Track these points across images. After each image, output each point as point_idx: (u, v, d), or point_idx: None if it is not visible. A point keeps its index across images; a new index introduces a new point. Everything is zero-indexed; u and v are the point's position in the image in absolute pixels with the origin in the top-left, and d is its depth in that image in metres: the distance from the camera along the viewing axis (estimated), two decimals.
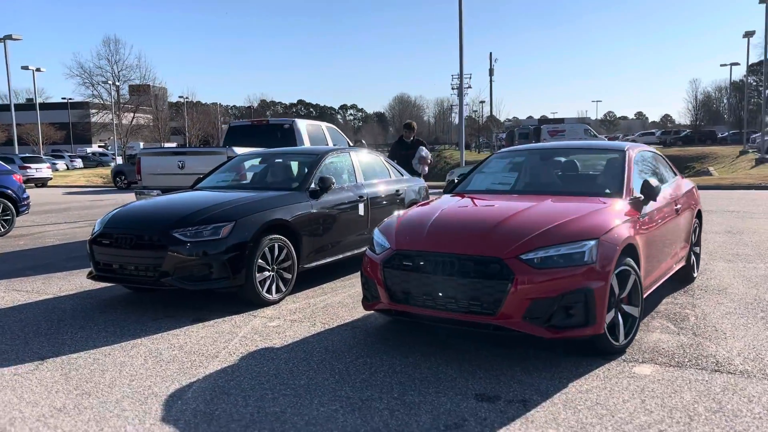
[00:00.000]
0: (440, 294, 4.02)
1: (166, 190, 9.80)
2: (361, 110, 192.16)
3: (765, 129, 33.04)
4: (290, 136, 11.40)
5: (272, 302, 5.78)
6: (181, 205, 5.98)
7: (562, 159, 5.56)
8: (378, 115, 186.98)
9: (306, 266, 6.26)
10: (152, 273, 5.43)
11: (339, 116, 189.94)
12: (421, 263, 4.11)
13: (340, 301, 5.89)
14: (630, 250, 4.21)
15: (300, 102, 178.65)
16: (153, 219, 5.68)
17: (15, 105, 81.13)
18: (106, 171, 41.91)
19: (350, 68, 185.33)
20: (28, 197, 12.03)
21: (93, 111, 64.52)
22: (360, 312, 5.45)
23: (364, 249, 7.23)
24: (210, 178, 7.31)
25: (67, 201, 21.05)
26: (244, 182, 7.27)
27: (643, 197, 4.78)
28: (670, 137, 63.85)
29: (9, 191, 11.53)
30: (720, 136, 63.15)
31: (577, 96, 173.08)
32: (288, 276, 5.98)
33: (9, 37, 32.59)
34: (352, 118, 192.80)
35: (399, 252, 4.27)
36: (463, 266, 3.95)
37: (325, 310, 5.59)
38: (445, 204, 4.88)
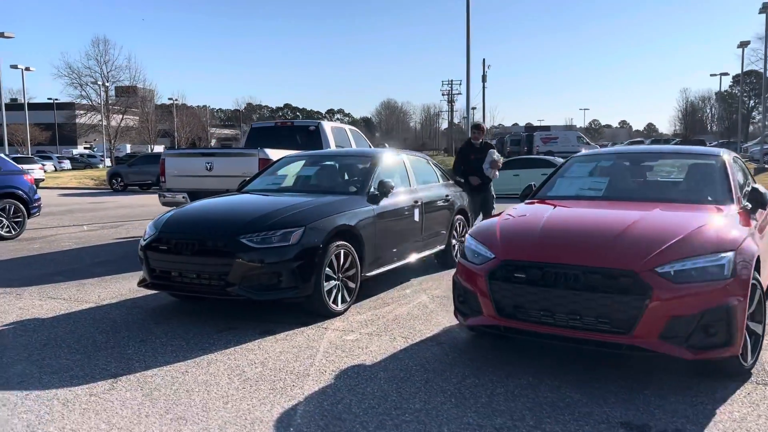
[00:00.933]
0: (561, 310, 3.71)
1: (192, 193, 9.41)
2: (348, 115, 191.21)
3: (765, 136, 33.28)
4: (316, 138, 11.05)
5: (338, 313, 5.43)
6: (243, 209, 5.61)
7: (653, 163, 5.29)
8: (365, 120, 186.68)
9: (367, 275, 5.90)
10: (217, 282, 5.05)
11: (326, 121, 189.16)
12: (538, 275, 3.79)
13: (409, 313, 5.55)
14: (757, 262, 3.93)
15: (287, 105, 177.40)
16: (217, 223, 5.30)
17: None
18: (97, 173, 41.08)
19: (337, 72, 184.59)
20: (39, 198, 11.52)
21: (80, 112, 63.37)
22: (437, 325, 5.13)
23: (419, 256, 6.98)
24: (258, 181, 6.93)
25: (65, 203, 20.43)
26: (294, 185, 6.89)
27: (750, 205, 4.52)
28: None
29: (20, 192, 11.01)
30: (709, 145, 63.85)
31: (563, 104, 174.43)
32: (352, 285, 5.62)
33: (1, 34, 31.74)
34: (339, 122, 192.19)
35: (509, 262, 3.94)
36: (589, 279, 3.63)
37: (397, 322, 5.25)
38: (545, 211, 4.57)
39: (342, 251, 5.46)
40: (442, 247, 7.46)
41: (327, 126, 11.36)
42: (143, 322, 5.32)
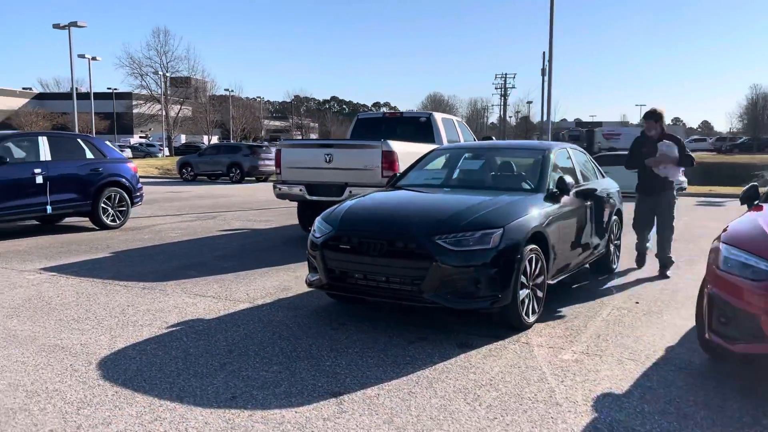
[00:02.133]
0: None
1: (309, 186, 8.98)
2: (394, 108, 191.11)
3: None
4: (427, 130, 10.51)
5: (529, 326, 4.84)
6: (427, 207, 5.09)
7: None
8: None
9: (551, 282, 5.30)
10: (410, 287, 4.52)
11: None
12: None
13: (607, 328, 4.92)
14: None
15: (333, 98, 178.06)
16: (405, 222, 4.75)
17: (62, 94, 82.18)
18: (159, 162, 41.70)
19: (383, 65, 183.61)
20: (141, 187, 11.29)
21: (138, 102, 64.55)
22: (654, 345, 4.50)
23: (589, 260, 6.34)
24: (413, 175, 6.34)
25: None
26: (457, 180, 6.31)
27: None
28: (725, 144, 61.44)
29: (123, 180, 10.79)
30: None
31: (614, 100, 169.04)
32: (540, 294, 5.02)
33: (74, 24, 32.15)
34: None
35: None
36: None
37: (603, 339, 4.62)
38: None
39: (533, 256, 4.87)
40: (603, 251, 6.78)
41: (438, 117, 10.80)
42: (318, 327, 4.84)
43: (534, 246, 4.88)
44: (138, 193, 11.14)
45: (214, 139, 70.77)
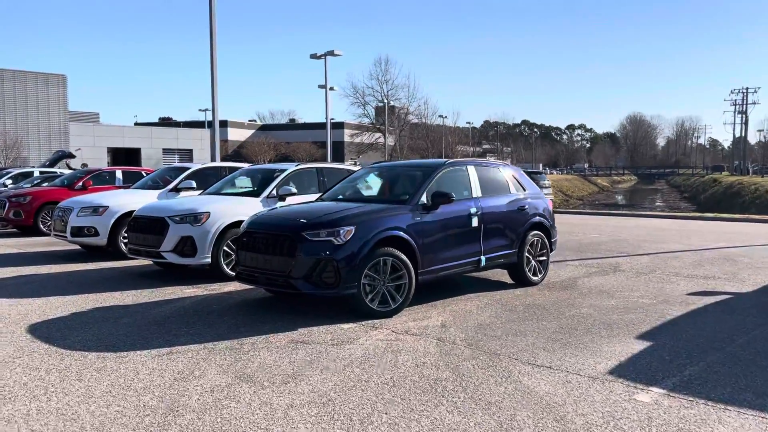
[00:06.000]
0: None
1: None
2: (590, 130, 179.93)
3: None
4: None
5: None
6: None
7: None
8: (609, 135, 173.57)
9: None
10: None
11: (565, 136, 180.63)
12: None
13: None
14: None
15: (524, 122, 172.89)
16: None
17: (282, 125, 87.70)
18: None
19: (576, 84, 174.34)
20: (556, 230, 8.71)
21: (356, 132, 66.24)
22: None
23: None
24: None
25: None
26: None
27: None
28: None
29: (544, 221, 8.25)
30: None
31: None
32: None
33: (331, 53, 32.59)
34: (579, 138, 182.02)
35: None
36: None
37: None
38: None
39: None
40: None
41: None
42: None
43: None
44: (555, 238, 8.55)
45: None
